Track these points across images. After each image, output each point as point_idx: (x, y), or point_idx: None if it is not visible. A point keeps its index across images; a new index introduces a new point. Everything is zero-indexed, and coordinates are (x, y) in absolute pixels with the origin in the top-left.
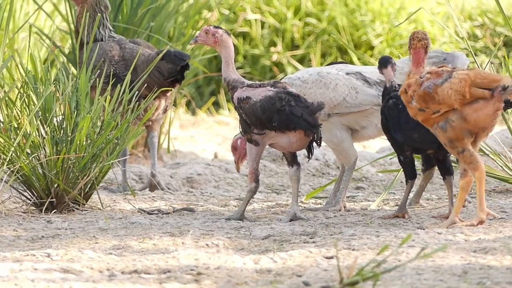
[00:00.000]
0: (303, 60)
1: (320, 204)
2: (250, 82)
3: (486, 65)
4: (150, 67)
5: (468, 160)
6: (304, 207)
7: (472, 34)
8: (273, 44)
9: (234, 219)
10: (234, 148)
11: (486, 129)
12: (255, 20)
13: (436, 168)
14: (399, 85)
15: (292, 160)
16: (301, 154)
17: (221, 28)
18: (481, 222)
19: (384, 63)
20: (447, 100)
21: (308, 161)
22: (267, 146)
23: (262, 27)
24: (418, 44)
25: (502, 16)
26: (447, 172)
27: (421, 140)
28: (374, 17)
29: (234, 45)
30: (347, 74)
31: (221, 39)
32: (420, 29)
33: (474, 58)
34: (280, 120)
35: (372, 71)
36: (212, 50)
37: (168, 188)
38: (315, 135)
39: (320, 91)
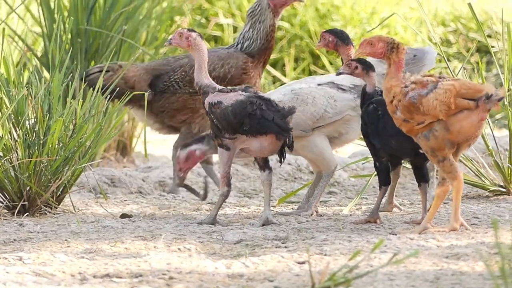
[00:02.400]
0: (276, 64)
1: (292, 208)
2: (221, 87)
3: (459, 70)
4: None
5: (448, 169)
6: (276, 211)
7: (445, 40)
8: None
9: (206, 223)
10: (187, 158)
11: (469, 140)
12: (227, 24)
13: (405, 169)
14: (381, 90)
15: (264, 164)
16: (273, 158)
17: (194, 31)
18: (453, 230)
19: (370, 68)
20: (432, 111)
21: (280, 165)
22: (239, 151)
23: (235, 31)
24: (402, 55)
25: (475, 21)
26: (423, 179)
27: (398, 148)
28: (345, 22)
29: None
30: (319, 85)
31: (195, 42)
32: (392, 34)
33: (447, 64)
34: (251, 124)
35: (342, 78)
36: (185, 54)
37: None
38: (287, 140)
39: (300, 108)
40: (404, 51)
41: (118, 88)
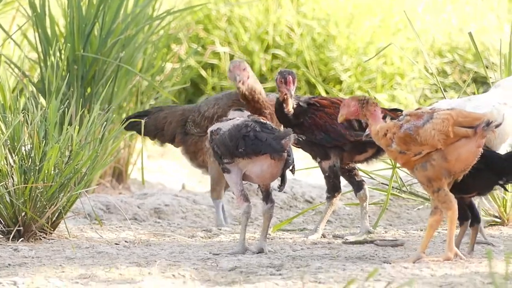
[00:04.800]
0: (272, 93)
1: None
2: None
3: None
4: None
5: (443, 199)
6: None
7: (441, 70)
8: None
9: (237, 253)
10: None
11: (466, 168)
12: (224, 52)
13: (400, 199)
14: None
15: (267, 196)
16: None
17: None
18: (447, 260)
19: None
20: (430, 141)
21: (281, 190)
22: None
23: (231, 59)
24: (373, 107)
25: (472, 52)
26: (476, 218)
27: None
28: (341, 52)
29: (203, 77)
30: None
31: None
32: (389, 64)
33: (444, 94)
34: (246, 145)
35: None
36: (182, 81)
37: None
38: (288, 164)
39: None
40: (374, 104)
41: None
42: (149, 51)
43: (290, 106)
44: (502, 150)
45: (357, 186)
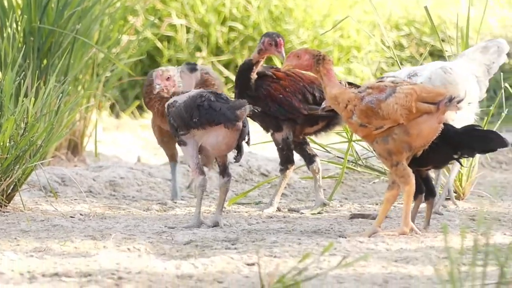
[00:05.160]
0: (229, 65)
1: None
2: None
3: None
4: None
5: (401, 173)
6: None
7: (398, 43)
8: (198, 49)
9: (193, 226)
10: None
11: (427, 143)
12: (181, 25)
13: (355, 173)
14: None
15: (223, 170)
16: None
17: (171, 70)
18: (403, 234)
19: None
20: (392, 116)
21: (237, 161)
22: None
23: (188, 32)
24: (329, 66)
25: (428, 26)
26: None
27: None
28: (298, 25)
29: (159, 49)
30: None
31: (177, 79)
32: (345, 37)
33: (400, 67)
34: (200, 115)
35: None
36: (138, 54)
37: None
38: (244, 134)
39: None
40: (330, 63)
41: None
42: (106, 23)
43: (255, 74)
44: (465, 112)
45: (309, 159)
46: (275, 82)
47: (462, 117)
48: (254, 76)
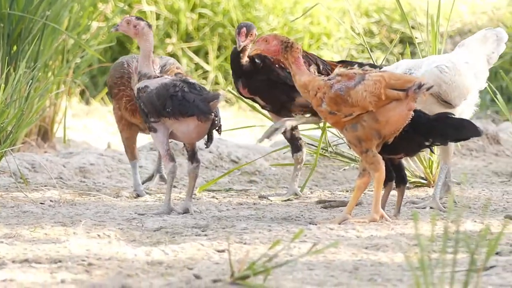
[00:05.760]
0: (199, 52)
1: (214, 196)
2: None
3: (382, 61)
4: None
5: (371, 160)
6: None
7: (368, 30)
8: (168, 35)
9: (163, 213)
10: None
11: (396, 130)
12: (150, 11)
13: (326, 159)
14: None
15: (192, 155)
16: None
17: (143, 20)
18: (373, 221)
19: None
20: (361, 103)
21: (207, 147)
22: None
23: (157, 18)
24: (297, 54)
25: (398, 12)
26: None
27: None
28: (268, 12)
29: (129, 36)
30: None
31: (142, 32)
32: (315, 24)
33: (370, 54)
34: (173, 105)
35: None
36: (108, 40)
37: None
38: (215, 124)
39: None
40: (298, 50)
41: None
42: (76, 9)
43: (245, 58)
44: (463, 106)
45: (296, 147)
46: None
47: (461, 110)
48: (245, 61)
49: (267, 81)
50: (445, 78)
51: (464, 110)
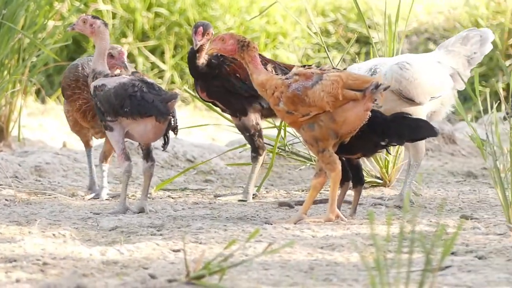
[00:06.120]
0: (155, 51)
1: (169, 196)
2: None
3: (339, 61)
4: None
5: (327, 160)
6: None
7: (324, 30)
8: (124, 35)
9: (118, 212)
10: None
11: (353, 130)
12: (107, 10)
13: (281, 158)
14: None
15: (147, 154)
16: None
17: (99, 19)
18: (329, 221)
19: None
20: (318, 103)
21: (164, 149)
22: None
23: (113, 17)
24: (254, 53)
25: (355, 12)
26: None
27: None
28: (224, 11)
29: (85, 35)
30: None
31: (98, 30)
32: (272, 23)
33: (327, 53)
34: (131, 105)
35: None
36: (64, 39)
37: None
38: (171, 124)
39: None
40: (255, 50)
41: None
42: (32, 8)
43: (202, 59)
44: (435, 106)
45: (256, 149)
46: (233, 62)
47: (430, 109)
48: (201, 61)
49: (222, 87)
50: (405, 75)
51: (438, 109)
